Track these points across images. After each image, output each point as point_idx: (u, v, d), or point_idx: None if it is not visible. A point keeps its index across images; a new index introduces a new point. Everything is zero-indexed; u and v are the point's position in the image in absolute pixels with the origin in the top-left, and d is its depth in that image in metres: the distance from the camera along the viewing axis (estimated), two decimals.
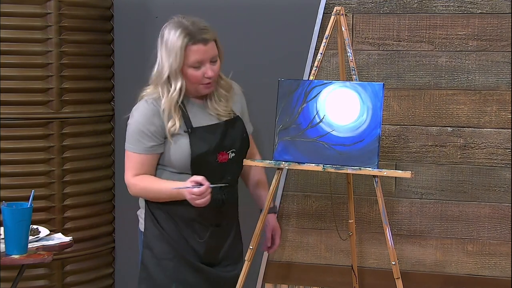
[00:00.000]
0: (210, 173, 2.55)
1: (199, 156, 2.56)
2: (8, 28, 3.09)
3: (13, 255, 2.50)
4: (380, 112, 2.66)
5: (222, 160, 2.62)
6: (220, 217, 2.66)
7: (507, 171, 3.08)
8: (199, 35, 2.49)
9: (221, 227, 2.68)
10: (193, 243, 2.64)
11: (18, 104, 3.15)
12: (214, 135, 2.60)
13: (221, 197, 2.61)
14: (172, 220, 2.62)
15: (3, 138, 3.12)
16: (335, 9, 2.84)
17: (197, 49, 2.49)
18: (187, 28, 2.50)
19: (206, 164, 2.57)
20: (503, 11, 3.03)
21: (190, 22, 2.53)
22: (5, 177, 3.14)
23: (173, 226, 2.62)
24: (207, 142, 2.58)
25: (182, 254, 2.62)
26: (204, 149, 2.57)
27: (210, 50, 2.52)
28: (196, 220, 2.62)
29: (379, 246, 3.23)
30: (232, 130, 2.66)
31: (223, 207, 2.63)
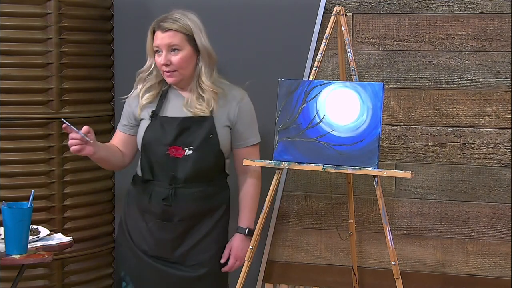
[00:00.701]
0: (158, 164, 2.64)
1: (147, 143, 2.66)
2: (8, 28, 3.09)
3: (13, 255, 2.50)
4: (380, 112, 2.66)
5: (175, 154, 2.63)
6: (169, 213, 2.66)
7: (507, 171, 3.08)
8: (161, 22, 2.63)
9: (172, 223, 2.67)
10: (145, 234, 2.68)
11: (18, 104, 3.15)
12: (171, 127, 2.64)
13: (168, 192, 2.62)
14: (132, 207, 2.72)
15: (3, 138, 3.12)
16: (335, 9, 2.85)
17: (156, 35, 2.64)
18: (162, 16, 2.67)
19: (154, 153, 2.64)
20: (503, 11, 3.03)
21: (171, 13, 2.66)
22: (5, 177, 3.14)
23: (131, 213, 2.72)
24: (160, 132, 2.64)
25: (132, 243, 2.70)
26: (153, 138, 2.64)
27: (167, 38, 2.61)
28: (146, 210, 2.68)
29: (379, 246, 3.23)
30: (196, 128, 2.65)
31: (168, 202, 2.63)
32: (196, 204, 2.69)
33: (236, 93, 2.75)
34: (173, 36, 2.61)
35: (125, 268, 2.73)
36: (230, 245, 2.77)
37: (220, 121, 2.69)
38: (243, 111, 2.75)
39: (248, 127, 2.77)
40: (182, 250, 2.69)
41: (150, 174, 2.67)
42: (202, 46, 2.65)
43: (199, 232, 2.71)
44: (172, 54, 2.62)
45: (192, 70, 2.67)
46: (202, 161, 2.66)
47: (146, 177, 2.68)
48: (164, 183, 2.65)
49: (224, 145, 2.70)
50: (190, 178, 2.65)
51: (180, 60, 2.62)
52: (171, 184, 2.64)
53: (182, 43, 2.62)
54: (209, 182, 2.71)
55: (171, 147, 2.63)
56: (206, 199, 2.70)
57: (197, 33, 2.64)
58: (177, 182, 2.64)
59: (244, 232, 2.76)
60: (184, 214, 2.67)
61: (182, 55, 2.62)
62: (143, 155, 2.68)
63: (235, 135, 2.75)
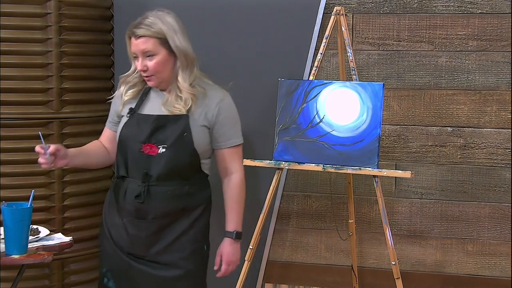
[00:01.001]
0: (132, 160, 2.65)
1: (123, 139, 2.67)
2: (8, 28, 3.09)
3: (13, 255, 2.50)
4: (380, 112, 2.66)
5: (149, 152, 2.63)
6: (142, 210, 2.65)
7: (507, 171, 3.08)
8: (133, 28, 2.61)
9: (146, 221, 2.66)
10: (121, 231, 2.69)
11: (18, 104, 3.15)
12: (146, 124, 2.64)
13: (141, 189, 2.62)
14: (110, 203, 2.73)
15: (3, 138, 3.12)
16: (335, 9, 2.85)
17: (131, 41, 2.63)
18: (135, 21, 2.64)
19: (128, 149, 2.66)
20: (503, 11, 3.03)
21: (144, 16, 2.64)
22: (5, 177, 3.14)
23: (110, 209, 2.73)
24: (135, 129, 2.65)
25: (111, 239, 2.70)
26: (129, 134, 2.65)
27: (140, 44, 2.60)
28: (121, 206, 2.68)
29: (379, 246, 3.23)
30: (171, 126, 2.64)
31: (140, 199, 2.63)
32: (170, 203, 2.67)
33: (217, 94, 2.70)
34: (146, 42, 2.60)
35: (106, 264, 2.75)
36: (220, 251, 2.75)
37: (197, 120, 2.66)
38: (222, 112, 2.69)
39: (229, 128, 2.70)
40: (157, 248, 2.69)
41: (125, 170, 2.68)
42: (177, 48, 2.62)
43: (174, 231, 2.70)
44: (147, 60, 2.62)
45: (170, 72, 2.66)
46: (176, 160, 2.65)
47: (121, 174, 2.69)
48: (138, 181, 2.65)
49: (199, 145, 2.67)
50: (163, 176, 2.65)
51: (155, 65, 2.62)
52: (144, 182, 2.64)
53: (156, 48, 2.61)
54: (185, 181, 2.69)
55: (145, 145, 2.64)
56: (181, 198, 2.68)
57: (170, 36, 2.61)
58: (150, 179, 2.64)
59: (232, 236, 2.73)
60: (158, 212, 2.67)
61: (157, 60, 2.62)
62: (118, 152, 2.70)
63: (215, 136, 2.71)
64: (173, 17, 2.65)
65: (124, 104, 2.71)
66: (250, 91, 3.27)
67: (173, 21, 2.63)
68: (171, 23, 2.63)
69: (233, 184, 2.73)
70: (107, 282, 2.74)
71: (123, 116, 2.71)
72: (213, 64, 3.28)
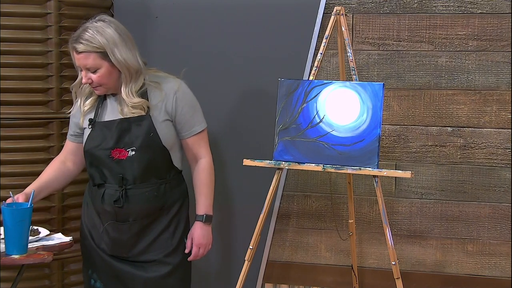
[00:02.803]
0: (105, 168, 2.66)
1: (89, 150, 2.68)
2: (8, 28, 3.09)
3: (13, 255, 2.50)
4: (380, 112, 2.66)
5: (119, 157, 2.63)
6: (122, 214, 2.67)
7: (507, 171, 3.08)
8: (73, 43, 2.60)
9: (127, 223, 2.68)
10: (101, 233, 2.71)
11: (18, 104, 3.15)
12: (110, 131, 2.65)
13: (118, 194, 2.64)
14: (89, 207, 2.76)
15: (3, 138, 3.12)
16: (335, 9, 2.85)
17: (73, 55, 2.63)
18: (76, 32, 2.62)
19: (98, 158, 2.66)
20: (503, 11, 3.03)
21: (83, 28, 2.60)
22: (5, 177, 3.14)
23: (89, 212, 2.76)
24: (100, 137, 2.65)
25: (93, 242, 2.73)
26: (94, 144, 2.66)
27: (82, 59, 2.59)
28: (101, 211, 2.70)
29: (379, 246, 3.23)
30: (135, 128, 2.64)
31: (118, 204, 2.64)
32: (149, 203, 2.68)
33: (171, 85, 2.69)
34: (86, 58, 2.58)
35: (91, 266, 2.77)
36: (191, 234, 2.76)
37: (158, 117, 2.65)
38: (180, 102, 2.69)
39: (190, 116, 2.71)
40: (139, 248, 2.71)
41: (100, 178, 2.69)
42: (117, 62, 2.59)
43: (155, 230, 2.71)
44: (91, 73, 2.61)
45: (117, 80, 2.64)
46: (147, 160, 2.65)
47: (97, 182, 2.71)
48: (115, 185, 2.66)
49: (166, 140, 2.67)
50: (139, 178, 2.65)
51: (99, 78, 2.61)
52: (121, 186, 2.65)
53: (97, 62, 2.58)
54: (160, 180, 2.70)
55: (114, 150, 2.64)
56: (158, 198, 2.69)
57: (110, 50, 2.57)
58: (127, 183, 2.65)
59: (202, 219, 2.74)
60: (138, 214, 2.68)
61: (100, 74, 2.61)
62: (88, 163, 2.71)
63: (179, 126, 2.71)
64: (114, 27, 2.60)
65: (84, 115, 2.72)
66: (250, 91, 3.27)
67: (113, 33, 2.59)
68: (111, 35, 2.58)
69: (201, 168, 2.75)
70: (94, 283, 2.76)
71: (85, 128, 2.72)
72: (213, 64, 3.28)
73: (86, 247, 2.79)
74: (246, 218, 3.19)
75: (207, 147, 2.76)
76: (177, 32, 3.33)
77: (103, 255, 2.73)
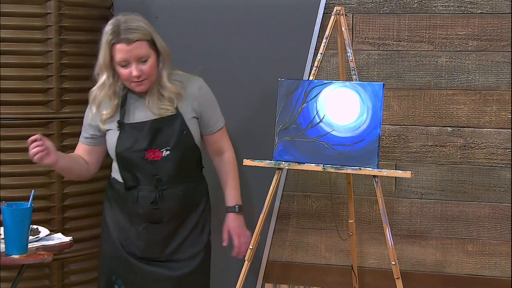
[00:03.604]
0: (140, 169, 2.63)
1: (122, 152, 2.63)
2: (8, 28, 3.08)
3: (13, 255, 2.50)
4: (380, 112, 2.66)
5: (153, 157, 2.62)
6: (157, 215, 2.65)
7: (507, 171, 3.08)
8: (123, 34, 2.54)
9: (161, 224, 2.67)
10: (133, 237, 2.68)
11: (18, 104, 3.15)
12: (142, 132, 2.62)
13: (154, 195, 2.62)
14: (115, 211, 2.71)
15: (3, 138, 3.12)
16: (335, 9, 2.85)
17: (120, 48, 2.55)
18: (116, 26, 2.56)
19: (131, 161, 2.63)
20: (503, 11, 3.03)
21: (123, 20, 2.58)
22: (5, 177, 3.13)
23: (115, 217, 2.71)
24: (132, 139, 2.62)
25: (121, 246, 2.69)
26: (127, 146, 2.62)
27: (135, 49, 2.54)
28: (133, 214, 2.66)
29: (379, 246, 3.23)
30: (168, 128, 2.64)
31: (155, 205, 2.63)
32: (182, 203, 2.69)
33: (194, 82, 2.71)
34: (139, 47, 2.55)
35: (115, 272, 2.73)
36: (227, 226, 2.77)
37: (187, 115, 2.67)
38: (205, 98, 2.72)
39: (213, 113, 2.74)
40: (171, 248, 2.70)
41: (133, 180, 2.66)
42: (162, 47, 2.60)
43: (186, 228, 2.72)
44: (141, 64, 2.59)
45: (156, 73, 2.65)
46: (182, 159, 2.66)
47: (130, 185, 2.67)
48: (149, 187, 2.64)
49: (197, 138, 2.70)
50: (174, 177, 2.65)
51: (150, 69, 2.58)
52: (156, 187, 2.64)
53: (148, 50, 2.57)
54: (189, 179, 2.71)
55: (148, 151, 2.63)
56: (189, 196, 2.70)
57: (155, 36, 2.59)
58: (162, 184, 2.64)
59: (235, 210, 2.76)
60: (172, 214, 2.68)
61: (150, 63, 2.58)
62: (121, 165, 2.67)
63: (204, 123, 2.72)
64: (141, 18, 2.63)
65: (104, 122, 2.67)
66: (250, 91, 3.27)
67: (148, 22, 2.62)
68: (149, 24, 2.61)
69: (227, 160, 2.78)
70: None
71: (109, 130, 2.68)
72: (213, 64, 3.28)
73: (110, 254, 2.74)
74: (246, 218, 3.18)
75: (229, 140, 2.80)
76: (177, 32, 3.33)
77: (131, 259, 2.69)
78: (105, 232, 2.77)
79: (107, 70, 2.61)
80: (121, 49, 2.54)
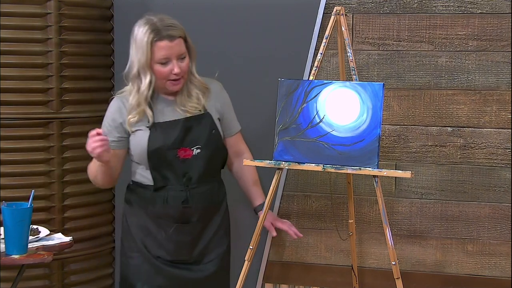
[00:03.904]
0: (171, 168, 2.61)
1: (155, 150, 2.61)
2: (8, 28, 3.09)
3: (13, 255, 2.50)
4: (380, 112, 2.66)
5: (184, 156, 2.62)
6: (187, 214, 2.65)
7: (507, 171, 3.08)
8: (165, 31, 2.54)
9: (190, 224, 2.66)
10: (162, 240, 2.65)
11: (18, 104, 3.15)
12: (174, 130, 2.62)
13: (184, 194, 2.62)
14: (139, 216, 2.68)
15: (3, 138, 3.12)
16: (335, 9, 2.84)
17: (163, 45, 2.53)
18: (153, 25, 2.56)
19: (164, 159, 2.60)
20: (503, 11, 3.03)
21: (158, 19, 2.58)
22: (5, 177, 3.14)
23: (139, 222, 2.68)
24: (165, 137, 2.61)
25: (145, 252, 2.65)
26: (160, 144, 2.60)
27: (176, 46, 2.55)
28: (162, 216, 2.65)
29: (379, 246, 3.23)
30: (198, 126, 2.65)
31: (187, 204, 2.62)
32: (209, 202, 2.71)
33: (215, 85, 2.76)
34: (180, 44, 2.56)
35: (142, 278, 2.68)
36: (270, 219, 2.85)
37: (214, 115, 2.70)
38: (225, 101, 2.77)
39: (233, 115, 2.80)
40: (198, 249, 2.70)
41: (162, 181, 2.64)
42: (192, 46, 2.64)
43: (211, 229, 2.73)
44: (179, 61, 2.58)
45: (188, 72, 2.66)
46: (211, 158, 2.68)
47: (159, 185, 2.64)
48: (179, 186, 2.63)
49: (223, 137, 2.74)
50: (202, 176, 2.66)
51: (186, 67, 2.60)
52: (187, 186, 2.63)
53: (184, 48, 2.60)
54: (214, 179, 2.74)
55: (180, 149, 2.62)
56: (214, 196, 2.73)
57: (187, 34, 2.62)
58: (192, 182, 2.64)
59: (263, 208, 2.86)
60: (200, 213, 2.68)
61: (187, 61, 2.60)
62: (151, 164, 2.63)
63: (225, 125, 2.77)
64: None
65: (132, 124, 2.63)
66: (250, 91, 3.27)
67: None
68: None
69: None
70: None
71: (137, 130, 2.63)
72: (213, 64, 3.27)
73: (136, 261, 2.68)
74: (246, 218, 3.19)
75: (245, 143, 2.86)
76: None
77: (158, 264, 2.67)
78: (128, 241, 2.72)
79: (149, 70, 2.57)
80: (164, 46, 2.53)
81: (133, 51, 2.60)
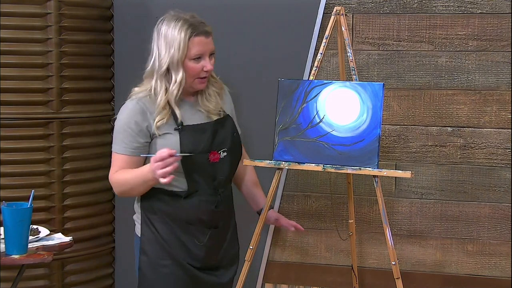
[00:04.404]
0: (202, 172, 2.53)
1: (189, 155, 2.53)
2: (8, 28, 3.09)
3: (13, 255, 2.50)
4: (380, 112, 2.66)
5: (214, 159, 2.55)
6: (217, 219, 2.60)
7: (507, 171, 3.08)
8: (201, 27, 2.50)
9: (218, 229, 2.62)
10: (192, 247, 2.57)
11: (18, 104, 3.15)
12: (205, 134, 2.55)
13: (216, 198, 2.57)
14: (168, 224, 2.56)
15: (3, 138, 3.12)
16: (335, 9, 2.85)
17: (199, 41, 2.48)
18: (188, 20, 2.50)
19: (197, 163, 2.51)
20: (503, 11, 3.03)
21: (189, 15, 2.54)
22: (5, 177, 3.14)
23: (169, 230, 2.56)
24: (197, 141, 2.52)
25: (178, 260, 2.57)
26: (193, 147, 2.50)
27: (211, 43, 2.52)
28: (194, 223, 2.56)
29: (379, 246, 3.23)
30: (223, 129, 2.61)
31: (218, 208, 2.59)
32: (232, 206, 2.71)
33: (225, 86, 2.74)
34: (212, 41, 2.53)
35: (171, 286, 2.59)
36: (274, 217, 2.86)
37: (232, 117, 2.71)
38: (232, 104, 2.75)
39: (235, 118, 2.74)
40: (222, 253, 2.66)
41: (194, 185, 2.54)
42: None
43: (230, 231, 2.70)
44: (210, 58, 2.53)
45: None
46: (235, 161, 2.65)
47: (192, 190, 2.53)
48: (209, 190, 2.55)
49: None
50: (228, 180, 2.64)
51: (213, 64, 2.58)
52: (216, 190, 2.57)
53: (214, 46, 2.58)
54: (231, 181, 2.72)
55: (210, 153, 2.58)
56: (232, 199, 2.72)
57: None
58: (221, 186, 2.60)
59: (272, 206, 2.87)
60: (226, 217, 2.65)
61: (214, 59, 2.58)
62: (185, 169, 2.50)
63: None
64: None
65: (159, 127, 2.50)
66: (250, 91, 3.27)
67: None
68: None
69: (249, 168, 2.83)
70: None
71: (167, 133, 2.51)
72: None
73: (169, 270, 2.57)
74: (246, 218, 3.18)
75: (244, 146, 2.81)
76: None
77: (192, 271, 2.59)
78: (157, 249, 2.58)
79: (182, 66, 2.49)
80: (200, 42, 2.48)
81: (162, 48, 2.50)
